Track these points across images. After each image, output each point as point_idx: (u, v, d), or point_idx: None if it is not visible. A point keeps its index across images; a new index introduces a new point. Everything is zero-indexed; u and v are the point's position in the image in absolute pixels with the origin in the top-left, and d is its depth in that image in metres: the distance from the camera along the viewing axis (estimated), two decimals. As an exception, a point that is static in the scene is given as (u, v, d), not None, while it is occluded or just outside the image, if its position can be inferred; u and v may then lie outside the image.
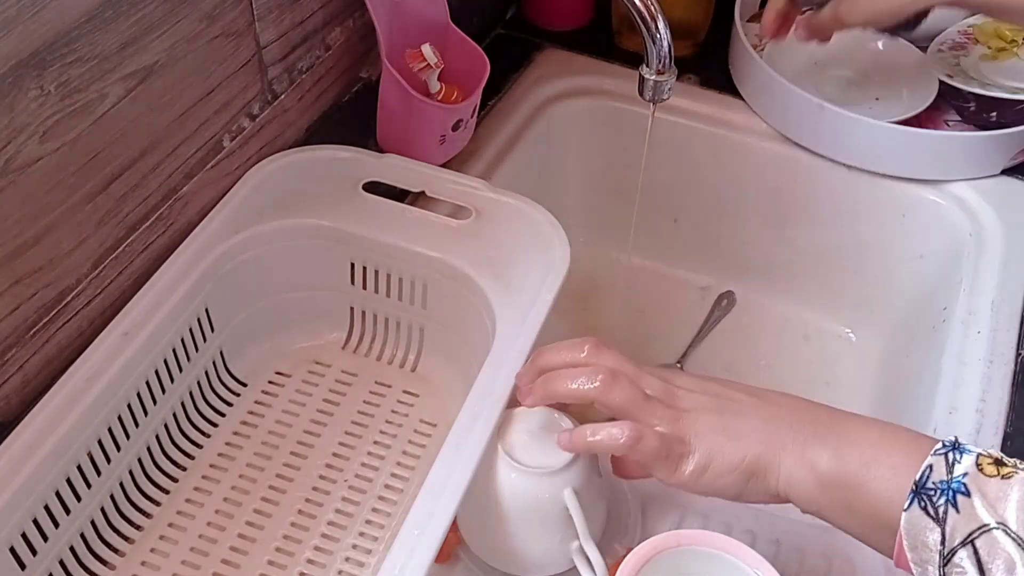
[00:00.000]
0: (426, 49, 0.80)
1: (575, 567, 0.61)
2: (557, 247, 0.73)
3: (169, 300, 0.68)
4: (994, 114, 0.92)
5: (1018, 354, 0.78)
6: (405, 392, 0.78)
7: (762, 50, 1.00)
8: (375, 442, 0.74)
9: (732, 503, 0.68)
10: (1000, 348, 0.78)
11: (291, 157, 0.79)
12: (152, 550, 0.67)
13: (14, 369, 0.63)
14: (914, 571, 0.50)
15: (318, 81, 0.83)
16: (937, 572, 0.49)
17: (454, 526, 0.62)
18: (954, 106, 0.95)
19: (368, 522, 0.70)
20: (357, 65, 0.88)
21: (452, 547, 0.64)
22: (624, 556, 0.62)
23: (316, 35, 0.81)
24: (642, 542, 0.57)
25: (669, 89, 0.80)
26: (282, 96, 0.79)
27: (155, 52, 0.65)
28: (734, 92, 1.02)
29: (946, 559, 0.49)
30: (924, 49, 0.98)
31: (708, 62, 1.06)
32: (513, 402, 0.63)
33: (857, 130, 0.92)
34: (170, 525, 0.69)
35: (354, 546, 0.68)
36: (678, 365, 1.04)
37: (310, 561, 0.67)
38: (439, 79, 0.83)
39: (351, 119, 0.87)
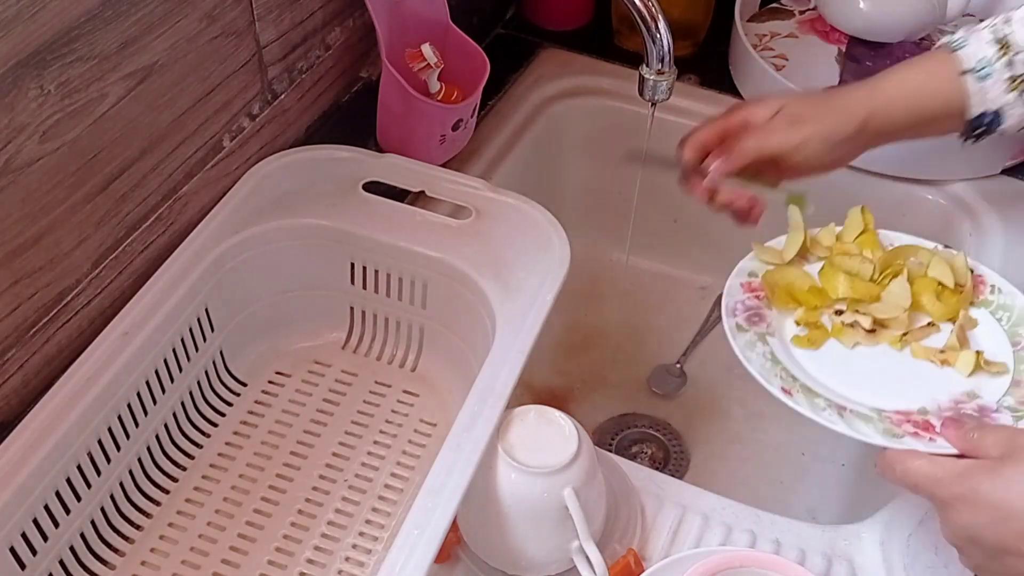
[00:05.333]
0: (426, 49, 0.80)
1: (575, 567, 0.61)
2: (557, 247, 0.73)
3: (169, 300, 0.68)
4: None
5: (1018, 354, 0.77)
6: (405, 392, 0.78)
7: (763, 50, 1.00)
8: (375, 442, 0.74)
9: (731, 503, 0.68)
10: (1000, 348, 0.78)
11: (291, 157, 0.79)
12: (152, 550, 0.67)
13: (14, 369, 0.63)
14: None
15: (318, 81, 0.83)
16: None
17: (454, 526, 0.62)
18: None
19: (368, 522, 0.70)
20: (357, 65, 0.88)
21: (452, 547, 0.64)
22: (624, 556, 0.62)
23: (316, 35, 0.81)
24: (697, 558, 0.57)
25: (669, 89, 0.80)
26: (282, 96, 0.79)
27: (155, 52, 0.65)
28: (734, 92, 1.02)
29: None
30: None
31: (708, 62, 1.06)
32: (513, 402, 0.63)
33: (857, 130, 0.92)
34: (170, 525, 0.69)
35: (354, 546, 0.68)
36: (678, 365, 1.04)
37: (310, 561, 0.67)
38: (439, 79, 0.83)
39: (351, 119, 0.87)
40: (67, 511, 0.62)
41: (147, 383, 0.68)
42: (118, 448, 0.66)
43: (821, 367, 0.66)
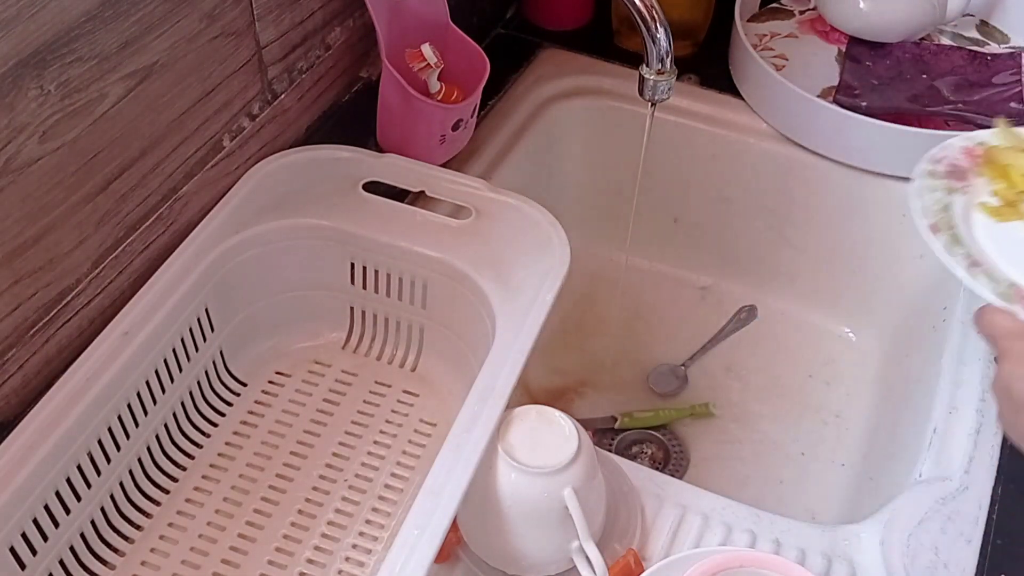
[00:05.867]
0: (426, 49, 0.80)
1: (575, 567, 0.61)
2: (557, 247, 0.73)
3: (169, 300, 0.68)
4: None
5: (1018, 354, 0.77)
6: (405, 392, 0.78)
7: (763, 50, 1.00)
8: (375, 442, 0.74)
9: (731, 503, 0.68)
10: (1000, 348, 0.78)
11: (291, 157, 0.79)
12: (152, 550, 0.67)
13: (14, 369, 0.63)
14: None
15: (318, 81, 0.83)
16: None
17: (454, 526, 0.62)
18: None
19: (368, 522, 0.70)
20: (357, 65, 0.88)
21: (452, 547, 0.64)
22: (624, 556, 0.62)
23: (316, 35, 0.81)
24: (697, 558, 0.57)
25: (669, 89, 0.80)
26: (282, 96, 0.79)
27: (155, 52, 0.65)
28: (734, 92, 1.02)
29: None
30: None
31: (708, 62, 1.06)
32: (513, 402, 0.63)
33: (857, 130, 0.92)
34: (170, 525, 0.69)
35: (354, 546, 0.68)
36: (683, 367, 1.04)
37: (310, 561, 0.67)
38: (439, 79, 0.83)
39: (351, 119, 0.87)
40: (67, 511, 0.62)
41: (147, 383, 0.68)
42: (118, 448, 0.66)
43: (991, 236, 0.63)
